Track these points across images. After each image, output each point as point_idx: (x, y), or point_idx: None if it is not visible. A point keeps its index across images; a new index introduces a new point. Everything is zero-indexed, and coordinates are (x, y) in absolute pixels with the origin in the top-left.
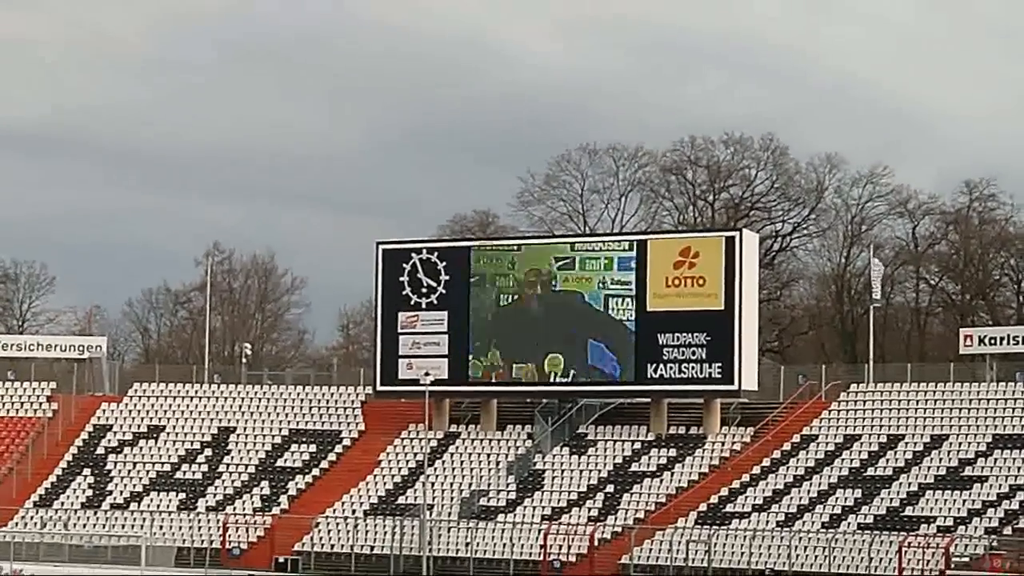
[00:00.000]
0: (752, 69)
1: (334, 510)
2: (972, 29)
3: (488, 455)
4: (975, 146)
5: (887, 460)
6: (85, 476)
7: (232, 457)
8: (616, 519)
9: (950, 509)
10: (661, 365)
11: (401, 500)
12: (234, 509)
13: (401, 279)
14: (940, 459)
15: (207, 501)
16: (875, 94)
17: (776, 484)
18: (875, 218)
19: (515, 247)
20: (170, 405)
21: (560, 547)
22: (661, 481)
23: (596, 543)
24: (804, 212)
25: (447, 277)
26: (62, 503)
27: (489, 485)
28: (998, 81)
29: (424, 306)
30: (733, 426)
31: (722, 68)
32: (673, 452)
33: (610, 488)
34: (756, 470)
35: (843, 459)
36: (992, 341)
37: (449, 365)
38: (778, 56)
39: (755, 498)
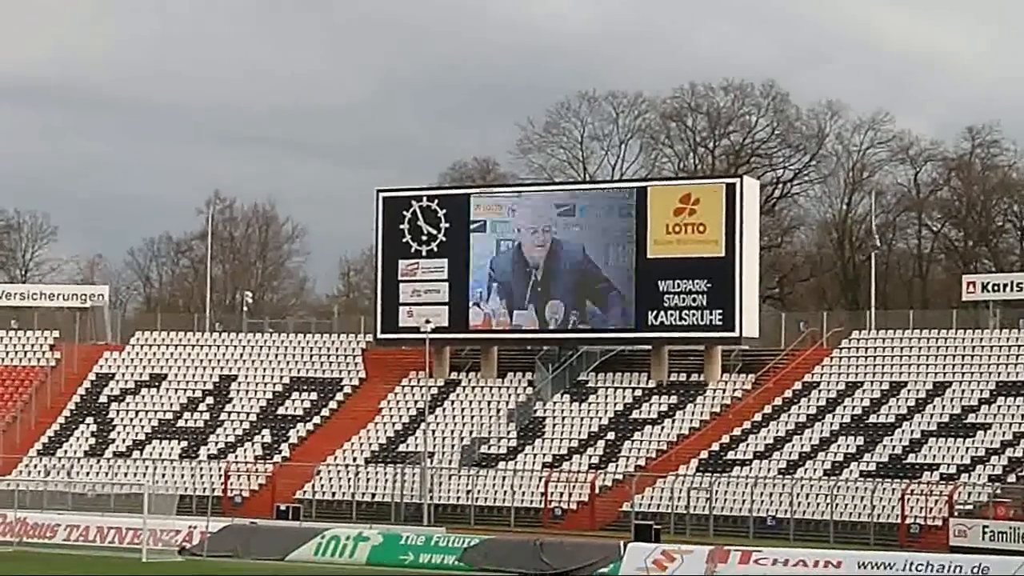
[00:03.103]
0: (752, 15)
1: (335, 458)
2: None
3: (489, 403)
4: (978, 92)
5: (889, 407)
6: (88, 424)
7: (233, 405)
8: (617, 466)
9: (953, 457)
10: (662, 312)
11: (402, 448)
12: (235, 457)
13: (401, 227)
14: (943, 406)
15: (209, 449)
16: (877, 40)
17: (777, 431)
18: (876, 164)
19: (515, 194)
20: (172, 354)
21: (561, 494)
22: (662, 428)
23: (597, 490)
24: (805, 159)
25: (447, 225)
26: (65, 451)
27: (490, 433)
28: (1001, 27)
29: (424, 254)
30: (734, 373)
31: (722, 14)
32: (674, 399)
33: (611, 435)
34: (757, 417)
35: (845, 406)
36: (995, 288)
37: (449, 313)
38: (779, 2)
39: (756, 445)
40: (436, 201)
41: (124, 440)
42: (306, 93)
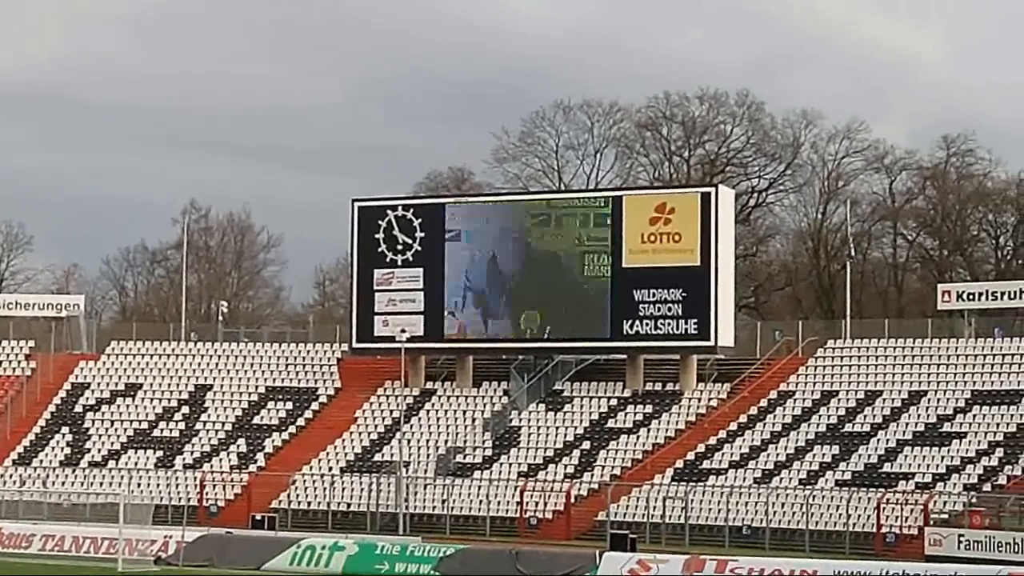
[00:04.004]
0: (727, 24)
1: (311, 467)
2: None
3: (464, 412)
4: (953, 101)
5: (865, 416)
6: (63, 434)
7: (209, 415)
8: (592, 476)
9: (929, 465)
10: (637, 321)
11: (377, 457)
12: (211, 467)
13: (377, 236)
14: (918, 415)
15: (184, 459)
16: (852, 50)
17: (753, 441)
18: (852, 174)
19: (490, 203)
20: (147, 363)
21: (536, 504)
22: (637, 438)
23: (572, 500)
24: (780, 168)
25: (422, 234)
26: (40, 461)
27: (465, 442)
28: (976, 36)
29: (400, 263)
30: (709, 382)
31: (697, 23)
32: (649, 408)
33: (586, 445)
34: (733, 426)
35: (820, 415)
36: (970, 296)
37: (425, 322)
38: (754, 10)
39: (732, 455)
40: (411, 210)
41: (100, 450)
42: (281, 101)
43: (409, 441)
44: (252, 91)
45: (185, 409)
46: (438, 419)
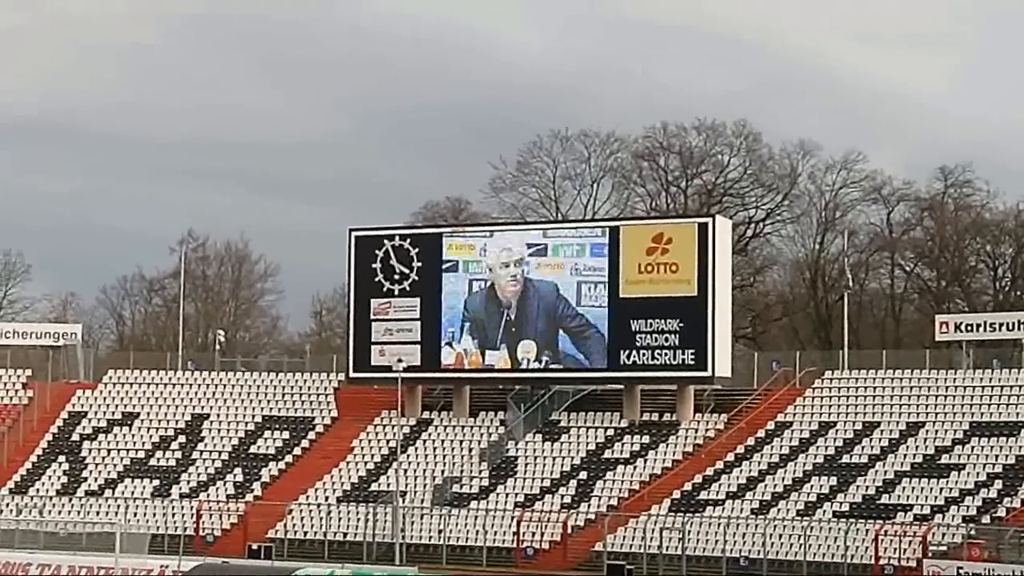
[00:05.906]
0: (725, 54)
1: (307, 497)
2: (947, 10)
3: (461, 442)
4: (951, 132)
5: (863, 447)
6: (60, 463)
7: (206, 444)
8: (589, 506)
9: (927, 497)
10: (634, 352)
11: (374, 487)
12: (207, 496)
13: (374, 266)
14: (916, 447)
15: (181, 488)
16: (850, 81)
17: (750, 471)
18: (849, 204)
19: (487, 233)
20: (144, 392)
21: (533, 534)
22: (634, 468)
23: (569, 530)
24: (778, 198)
25: (420, 264)
26: (37, 490)
27: (462, 472)
28: (974, 67)
29: (397, 293)
30: (707, 413)
31: (695, 54)
32: (646, 439)
33: (583, 475)
34: (730, 457)
35: (818, 446)
36: (968, 328)
37: (422, 352)
38: (751, 41)
39: (729, 485)
40: (408, 240)
41: (96, 479)
42: (279, 131)
43: (406, 471)
44: (251, 122)
45: (182, 438)
46: (435, 449)
